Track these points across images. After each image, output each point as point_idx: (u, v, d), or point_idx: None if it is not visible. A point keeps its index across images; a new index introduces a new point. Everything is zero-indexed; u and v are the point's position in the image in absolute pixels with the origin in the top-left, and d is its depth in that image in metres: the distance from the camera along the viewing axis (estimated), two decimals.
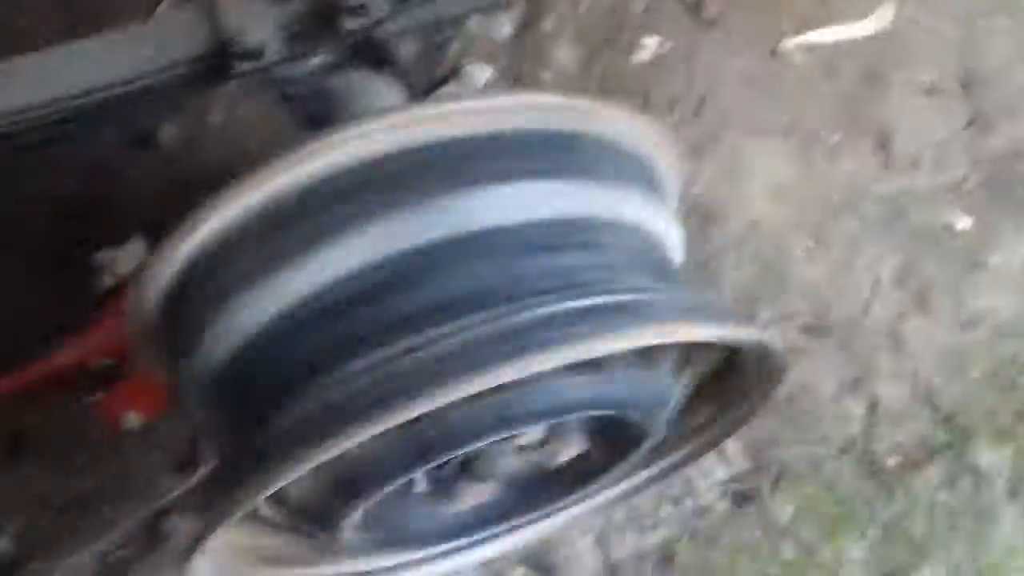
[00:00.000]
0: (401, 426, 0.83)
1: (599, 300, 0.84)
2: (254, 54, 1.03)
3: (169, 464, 1.60)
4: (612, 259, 0.93)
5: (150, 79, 1.07)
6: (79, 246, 1.67)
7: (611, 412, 0.98)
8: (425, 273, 0.87)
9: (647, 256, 0.98)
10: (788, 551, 1.49)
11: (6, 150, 1.16)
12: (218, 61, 1.05)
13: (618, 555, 1.51)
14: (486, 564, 1.50)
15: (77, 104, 1.08)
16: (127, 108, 1.12)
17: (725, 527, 1.51)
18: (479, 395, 0.83)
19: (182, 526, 1.57)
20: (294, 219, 0.89)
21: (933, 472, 1.50)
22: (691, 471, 1.51)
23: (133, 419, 1.45)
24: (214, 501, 0.95)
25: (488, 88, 1.75)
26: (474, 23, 1.82)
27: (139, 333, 1.02)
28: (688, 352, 1.01)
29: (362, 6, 1.02)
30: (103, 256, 1.63)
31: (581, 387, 0.92)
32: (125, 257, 1.63)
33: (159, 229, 1.64)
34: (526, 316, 0.82)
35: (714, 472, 1.53)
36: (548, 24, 1.80)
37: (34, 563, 1.58)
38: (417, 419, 0.82)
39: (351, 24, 1.03)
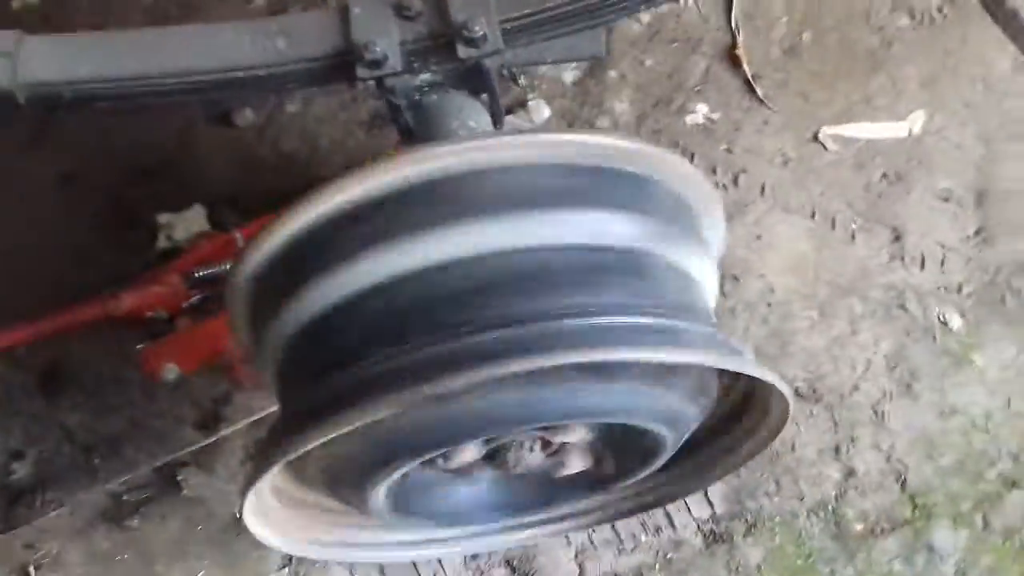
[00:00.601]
0: (441, 405, 0.94)
1: (641, 320, 0.96)
2: (376, 63, 1.14)
3: (194, 419, 1.71)
4: (658, 288, 1.04)
5: (277, 69, 1.18)
6: (144, 206, 1.80)
7: (627, 423, 1.08)
8: (497, 276, 0.98)
9: (687, 293, 1.09)
10: None
11: (120, 108, 1.27)
12: (341, 64, 1.17)
13: (594, 572, 1.62)
14: (472, 559, 1.61)
15: (207, 79, 1.19)
16: (245, 90, 1.23)
17: (696, 562, 1.62)
18: (510, 387, 0.95)
19: (195, 479, 1.67)
20: (382, 216, 0.99)
21: (892, 543, 1.62)
22: (673, 507, 1.64)
23: (171, 371, 1.57)
24: (269, 446, 1.06)
25: (549, 124, 1.88)
26: (544, 65, 1.96)
27: (234, 292, 1.11)
28: (704, 383, 1.12)
29: (478, 38, 1.13)
30: (164, 218, 1.75)
31: (608, 395, 1.02)
32: (184, 222, 1.76)
33: (219, 201, 1.77)
34: (578, 322, 0.94)
35: (695, 511, 1.65)
36: (611, 76, 1.93)
37: (49, 492, 1.66)
38: (457, 401, 0.94)
39: (464, 52, 1.14)
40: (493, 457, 1.17)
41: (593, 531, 1.62)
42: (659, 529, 1.63)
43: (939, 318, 1.76)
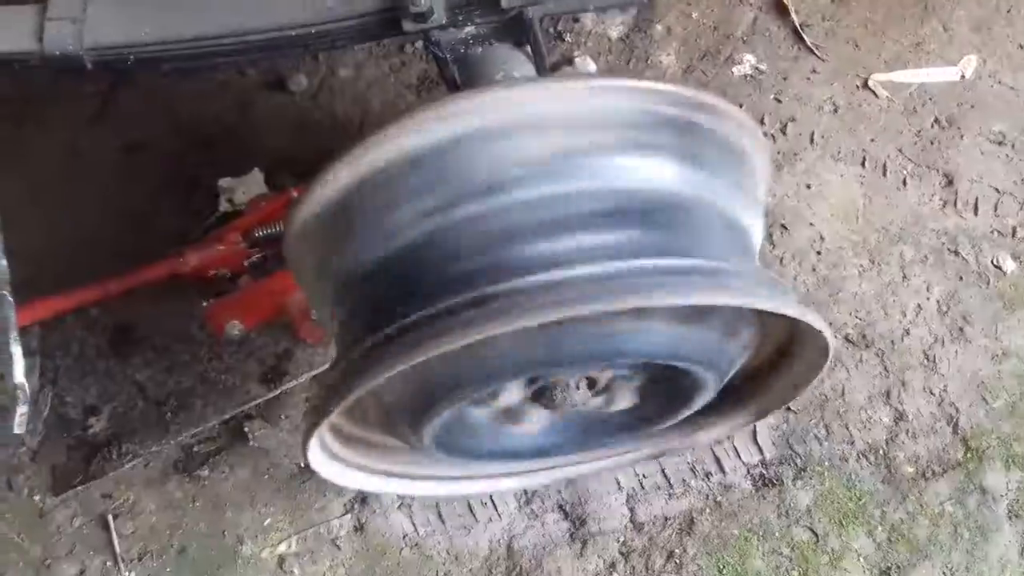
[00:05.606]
0: (506, 341, 0.97)
1: (687, 263, 0.99)
2: (422, 16, 1.18)
3: (259, 374, 1.78)
4: (704, 232, 1.06)
5: (327, 26, 1.23)
6: (205, 172, 1.86)
7: (674, 363, 1.10)
8: (552, 221, 1.00)
9: (735, 238, 1.11)
10: (800, 535, 1.61)
11: (190, 70, 1.31)
12: (388, 20, 1.21)
13: (645, 516, 1.65)
14: (526, 504, 1.65)
15: (262, 38, 1.24)
16: (298, 48, 1.28)
17: (746, 506, 1.64)
18: (555, 330, 0.97)
19: (261, 431, 1.74)
20: (443, 161, 1.02)
21: (944, 485, 1.62)
22: (723, 452, 1.66)
23: (236, 328, 1.63)
24: (328, 388, 1.11)
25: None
26: (589, 20, 1.97)
27: (294, 238, 1.15)
28: (739, 324, 1.13)
29: None
30: (225, 182, 1.81)
31: (647, 337, 1.05)
32: (243, 185, 1.81)
33: (276, 164, 1.82)
34: (627, 266, 0.96)
35: (744, 456, 1.66)
36: (657, 30, 1.94)
37: (124, 445, 1.73)
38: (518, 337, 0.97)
39: (507, 2, 1.17)
40: (540, 396, 1.20)
41: (644, 476, 1.65)
42: (709, 474, 1.65)
43: (992, 262, 1.75)
